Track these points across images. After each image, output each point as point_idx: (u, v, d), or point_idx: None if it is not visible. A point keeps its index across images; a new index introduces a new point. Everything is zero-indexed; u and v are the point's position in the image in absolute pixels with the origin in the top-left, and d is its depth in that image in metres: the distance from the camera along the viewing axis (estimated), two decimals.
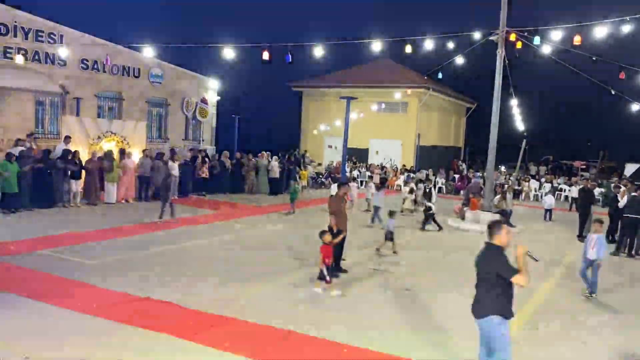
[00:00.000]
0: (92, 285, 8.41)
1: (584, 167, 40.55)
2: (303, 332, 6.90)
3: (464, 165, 35.34)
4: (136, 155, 18.28)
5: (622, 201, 14.07)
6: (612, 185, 19.71)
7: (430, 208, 15.90)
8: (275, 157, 22.70)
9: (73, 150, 16.08)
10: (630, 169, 32.98)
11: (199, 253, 11.17)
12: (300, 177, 24.39)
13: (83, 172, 16.19)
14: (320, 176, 27.48)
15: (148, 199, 17.76)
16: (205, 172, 20.02)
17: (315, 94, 35.32)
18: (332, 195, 11.51)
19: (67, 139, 16.98)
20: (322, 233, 9.07)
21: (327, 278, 8.74)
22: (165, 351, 6.18)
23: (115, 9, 62.32)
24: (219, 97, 27.35)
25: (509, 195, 18.12)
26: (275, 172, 21.90)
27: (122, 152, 17.84)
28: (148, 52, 16.87)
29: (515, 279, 4.99)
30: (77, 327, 6.71)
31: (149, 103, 23.65)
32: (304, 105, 36.28)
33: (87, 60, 20.77)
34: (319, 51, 16.31)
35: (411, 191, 19.70)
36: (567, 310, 8.60)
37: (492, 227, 5.33)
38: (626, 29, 12.39)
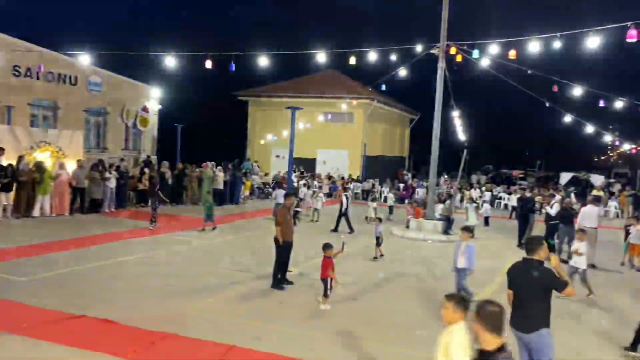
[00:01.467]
0: (22, 303, 7.91)
1: (522, 175, 42.32)
2: (244, 346, 6.74)
3: (408, 175, 36.08)
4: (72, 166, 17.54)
5: (553, 209, 14.67)
6: (547, 194, 20.55)
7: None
8: (219, 168, 22.32)
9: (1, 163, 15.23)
10: (565, 177, 34.68)
11: (136, 268, 10.76)
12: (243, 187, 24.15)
13: (14, 184, 15.34)
14: (267, 186, 27.26)
15: (84, 211, 17.07)
16: (144, 184, 19.42)
17: (262, 104, 35.14)
18: (278, 204, 11.35)
19: (0, 150, 16.07)
20: (326, 247, 8.84)
21: (328, 292, 8.64)
22: None
23: (51, 15, 59.97)
24: (160, 106, 26.71)
25: (450, 202, 18.54)
26: (220, 182, 21.55)
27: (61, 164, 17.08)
28: (85, 59, 16.27)
29: (567, 292, 5.24)
30: (4, 348, 6.28)
31: (87, 112, 22.76)
32: (250, 115, 36.00)
33: (19, 67, 19.77)
34: (263, 61, 16.24)
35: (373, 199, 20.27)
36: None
37: (532, 243, 5.49)
38: (557, 44, 12.98)
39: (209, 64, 15.88)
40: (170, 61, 16.51)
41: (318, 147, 33.34)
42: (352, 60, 17.03)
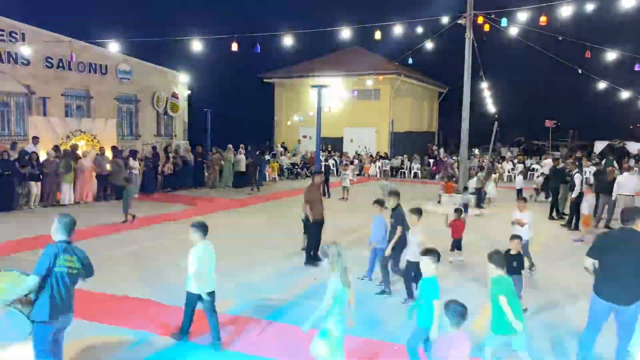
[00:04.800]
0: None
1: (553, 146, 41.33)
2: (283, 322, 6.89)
3: (439, 150, 35.69)
4: (108, 154, 17.97)
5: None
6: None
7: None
8: (240, 150, 22.51)
9: (30, 152, 15.63)
10: (599, 146, 33.79)
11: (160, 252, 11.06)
12: (271, 169, 24.34)
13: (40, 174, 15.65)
14: (296, 167, 27.43)
15: (107, 199, 17.32)
16: (169, 168, 19.79)
17: (287, 85, 35.16)
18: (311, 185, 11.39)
19: (35, 139, 16.58)
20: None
21: None
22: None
23: (79, 5, 60.87)
24: (189, 92, 27.01)
25: (481, 175, 18.38)
26: (242, 165, 21.74)
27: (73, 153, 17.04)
28: (114, 47, 16.57)
29: None
30: None
31: (119, 100, 23.22)
32: (277, 96, 36.09)
33: (52, 58, 20.25)
34: (288, 41, 16.23)
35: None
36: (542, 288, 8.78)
37: (632, 212, 5.33)
38: (590, 7, 12.58)
39: (235, 47, 15.96)
40: (196, 46, 16.68)
41: (345, 125, 33.25)
42: (377, 35, 16.85)
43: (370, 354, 6.06)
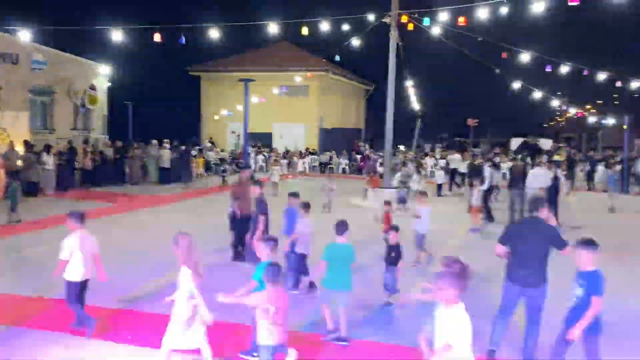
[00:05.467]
0: None
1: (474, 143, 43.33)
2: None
3: (365, 146, 36.38)
4: (19, 149, 16.85)
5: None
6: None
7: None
8: (164, 145, 21.88)
9: None
10: (515, 143, 35.72)
11: None
12: (197, 164, 23.83)
13: None
14: (224, 162, 27.00)
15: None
16: (87, 164, 18.90)
17: (215, 79, 34.53)
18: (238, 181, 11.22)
19: None
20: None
21: None
22: None
23: None
24: (109, 84, 25.86)
25: (405, 171, 18.93)
26: (165, 160, 21.14)
27: None
28: (26, 35, 15.55)
29: (568, 249, 5.39)
30: None
31: (32, 91, 21.78)
32: (204, 90, 35.36)
33: None
34: (215, 33, 15.93)
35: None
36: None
37: (537, 202, 5.77)
38: (505, 10, 13.25)
39: (157, 38, 15.46)
40: (117, 36, 16.01)
41: (274, 121, 33.15)
42: (305, 31, 16.93)
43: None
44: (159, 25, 16.19)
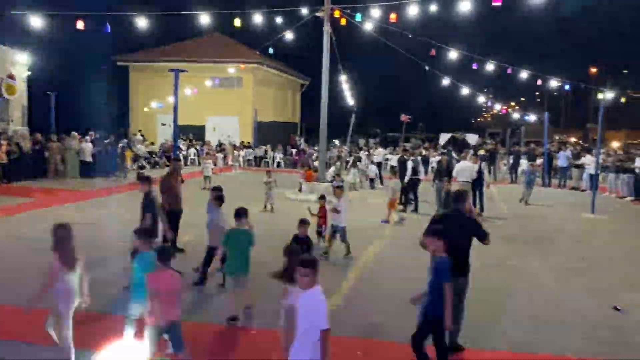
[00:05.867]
0: None
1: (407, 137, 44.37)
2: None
3: (301, 140, 36.45)
4: None
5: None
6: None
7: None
8: (86, 138, 20.91)
9: None
10: (444, 138, 36.98)
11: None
12: (123, 158, 22.93)
13: None
14: (154, 156, 26.21)
15: None
16: (2, 157, 17.76)
17: (144, 69, 33.34)
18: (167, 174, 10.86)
19: None
20: None
21: None
22: None
23: None
24: (29, 73, 24.36)
25: (340, 165, 19.15)
26: (87, 154, 20.23)
27: None
28: None
29: (489, 240, 5.85)
30: None
31: None
32: (132, 81, 34.07)
33: None
34: (142, 22, 15.36)
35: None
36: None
37: (461, 195, 6.08)
38: (434, 8, 13.61)
39: (80, 25, 14.72)
40: (36, 22, 15.12)
41: (207, 113, 32.51)
42: (237, 23, 16.67)
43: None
44: (83, 12, 15.40)
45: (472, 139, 36.50)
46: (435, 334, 5.20)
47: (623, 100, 27.04)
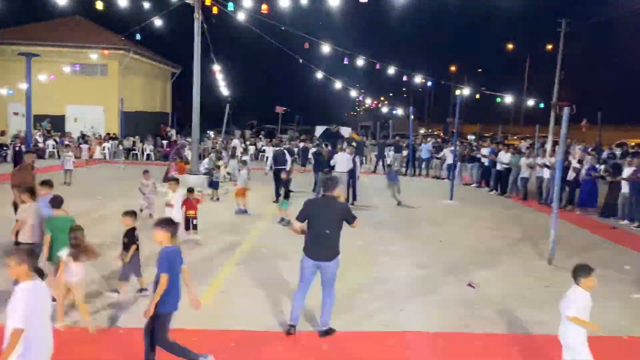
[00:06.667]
0: None
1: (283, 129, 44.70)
2: None
3: (172, 131, 35.09)
4: None
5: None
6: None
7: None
8: None
9: None
10: (319, 130, 37.82)
11: None
12: None
13: None
14: (5, 148, 23.67)
15: None
16: None
17: None
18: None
19: None
20: None
21: None
22: None
23: None
24: None
25: (214, 157, 18.77)
26: None
27: None
28: None
29: (356, 223, 6.15)
30: None
31: None
32: None
33: None
34: None
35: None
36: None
37: (331, 181, 6.27)
38: (305, 2, 13.79)
39: None
40: None
41: (67, 102, 30.04)
42: (99, 6, 15.55)
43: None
44: None
45: (346, 131, 37.77)
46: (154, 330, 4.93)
47: (477, 96, 29.49)
